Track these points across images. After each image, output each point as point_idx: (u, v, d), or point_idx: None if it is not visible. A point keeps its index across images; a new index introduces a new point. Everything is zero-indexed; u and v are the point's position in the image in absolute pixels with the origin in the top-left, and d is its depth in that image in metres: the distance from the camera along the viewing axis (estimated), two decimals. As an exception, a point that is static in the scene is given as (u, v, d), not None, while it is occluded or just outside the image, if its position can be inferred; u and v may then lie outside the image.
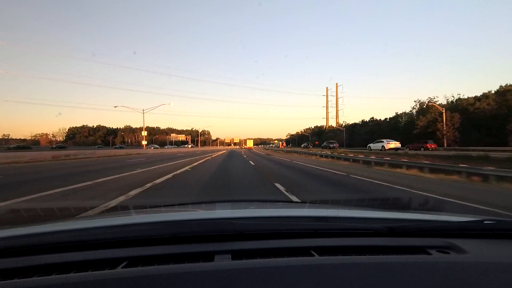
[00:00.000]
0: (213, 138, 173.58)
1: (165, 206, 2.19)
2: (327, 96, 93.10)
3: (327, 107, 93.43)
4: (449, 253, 0.90)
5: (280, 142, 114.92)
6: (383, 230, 1.03)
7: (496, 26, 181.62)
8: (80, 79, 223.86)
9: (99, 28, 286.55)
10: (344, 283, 0.68)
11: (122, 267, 0.76)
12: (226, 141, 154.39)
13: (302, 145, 71.14)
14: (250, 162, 17.23)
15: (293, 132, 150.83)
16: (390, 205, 4.04)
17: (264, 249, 0.90)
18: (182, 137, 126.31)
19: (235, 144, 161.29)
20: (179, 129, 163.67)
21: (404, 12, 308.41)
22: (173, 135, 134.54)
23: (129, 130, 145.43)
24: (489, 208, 4.80)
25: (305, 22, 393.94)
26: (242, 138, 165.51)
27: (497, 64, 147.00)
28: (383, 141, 28.07)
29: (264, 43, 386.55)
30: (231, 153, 34.15)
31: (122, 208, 3.44)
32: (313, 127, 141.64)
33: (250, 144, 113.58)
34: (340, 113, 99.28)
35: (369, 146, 29.71)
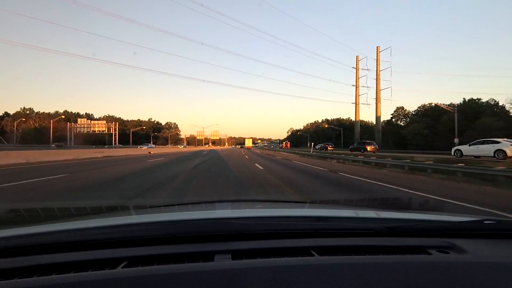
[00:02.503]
0: (186, 135, 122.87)
1: (165, 206, 2.20)
2: (357, 69, 50.30)
3: (357, 87, 50.30)
4: (449, 253, 0.90)
5: (284, 142, 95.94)
6: (383, 230, 1.03)
7: None
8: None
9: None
10: (344, 283, 0.68)
11: (122, 267, 0.76)
12: (199, 138, 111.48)
13: (318, 146, 48.13)
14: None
15: (296, 128, 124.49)
16: (390, 205, 4.04)
17: (264, 249, 0.90)
18: (101, 127, 70.74)
19: (213, 143, 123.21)
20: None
21: None
22: (82, 121, 74.80)
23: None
24: None
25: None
26: (221, 135, 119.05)
27: None
28: (499, 142, 14.73)
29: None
30: None
31: (122, 208, 3.44)
32: (320, 121, 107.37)
33: (248, 143, 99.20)
34: (385, 93, 60.76)
35: (457, 149, 16.75)
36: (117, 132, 59.12)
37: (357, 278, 0.70)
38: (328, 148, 43.07)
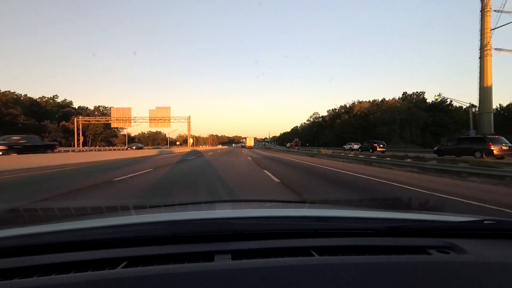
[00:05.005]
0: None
1: (165, 206, 2.20)
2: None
3: (485, 11, 24.35)
4: (449, 253, 0.90)
5: (295, 140, 71.30)
6: (383, 230, 1.03)
7: None
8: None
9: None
10: (344, 283, 0.68)
11: (122, 267, 0.76)
12: (168, 137, 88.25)
13: (348, 146, 36.18)
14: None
15: (297, 123, 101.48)
16: (390, 205, 4.04)
17: (264, 249, 0.90)
18: None
19: (185, 141, 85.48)
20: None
21: None
22: None
23: None
24: None
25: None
26: (196, 132, 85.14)
27: None
28: None
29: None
30: None
31: (122, 208, 3.45)
32: (382, 101, 63.10)
33: (250, 142, 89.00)
34: None
35: None
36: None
37: (357, 278, 0.70)
38: (378, 149, 28.15)
